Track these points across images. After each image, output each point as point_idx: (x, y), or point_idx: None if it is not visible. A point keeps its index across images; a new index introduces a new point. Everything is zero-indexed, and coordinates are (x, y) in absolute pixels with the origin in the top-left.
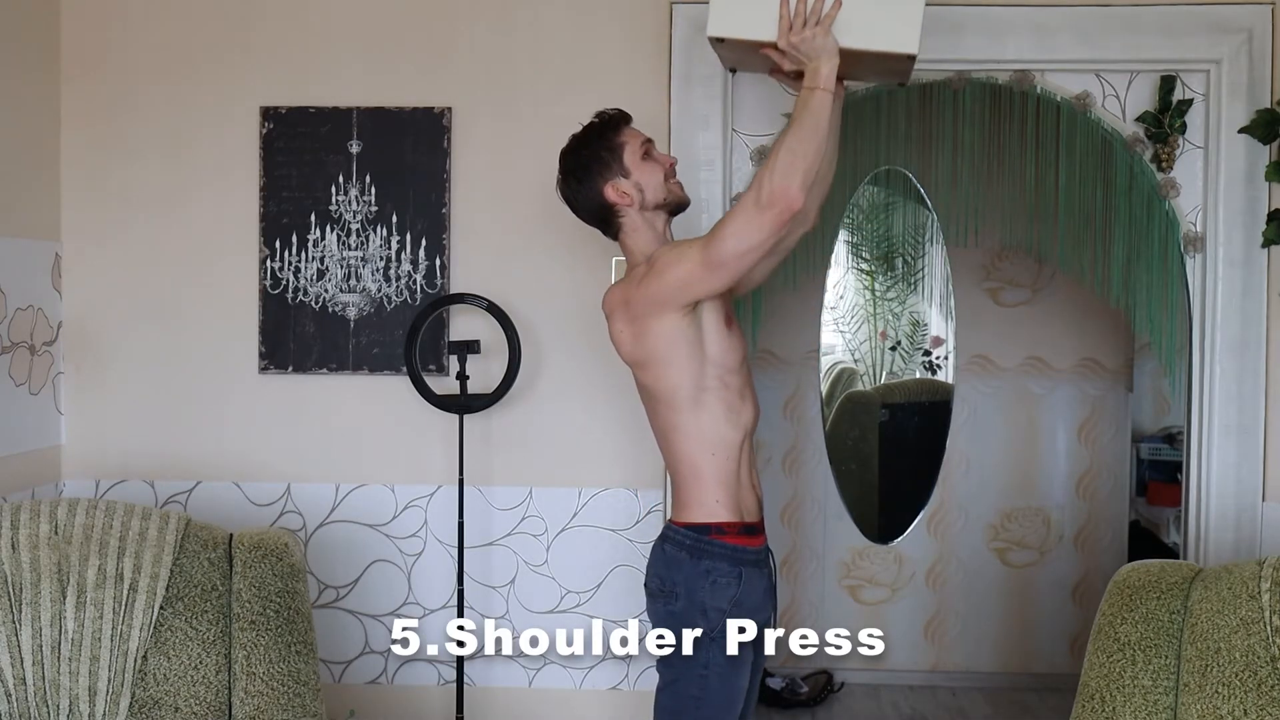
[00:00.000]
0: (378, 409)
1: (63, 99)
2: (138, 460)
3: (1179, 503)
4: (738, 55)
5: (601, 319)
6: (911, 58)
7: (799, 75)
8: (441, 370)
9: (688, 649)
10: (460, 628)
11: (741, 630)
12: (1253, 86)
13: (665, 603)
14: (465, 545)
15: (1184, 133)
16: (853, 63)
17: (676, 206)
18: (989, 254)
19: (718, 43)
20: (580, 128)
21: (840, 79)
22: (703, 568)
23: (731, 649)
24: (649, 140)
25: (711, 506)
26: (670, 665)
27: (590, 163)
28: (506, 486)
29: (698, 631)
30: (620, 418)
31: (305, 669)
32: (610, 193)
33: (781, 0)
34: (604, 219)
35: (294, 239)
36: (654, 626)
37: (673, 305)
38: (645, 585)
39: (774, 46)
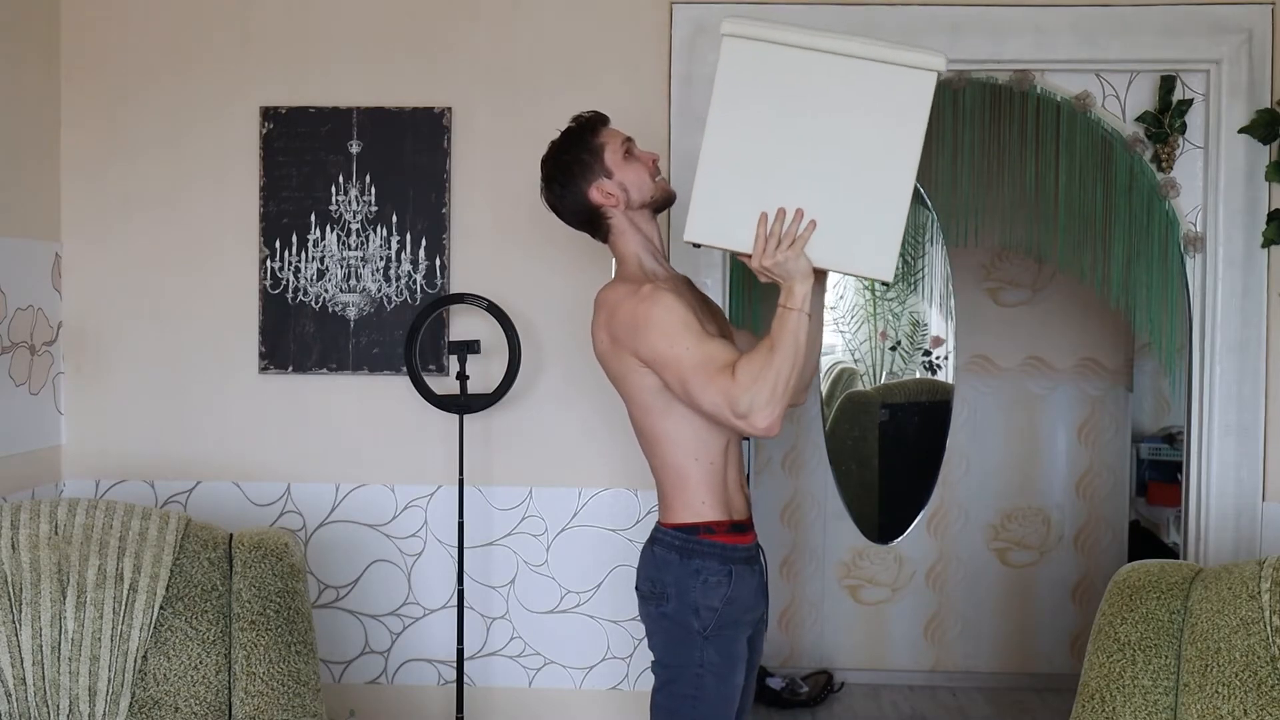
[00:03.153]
0: (378, 409)
1: (63, 99)
2: (138, 460)
3: (1179, 503)
4: (715, 249)
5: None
6: (885, 283)
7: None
8: (441, 370)
9: (682, 649)
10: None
11: (734, 628)
12: (1253, 86)
13: (657, 604)
14: (465, 545)
15: (1184, 133)
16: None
17: (663, 203)
18: (989, 254)
19: (695, 244)
20: (559, 133)
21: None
22: (693, 567)
23: (725, 647)
24: (629, 139)
25: (699, 508)
26: (665, 665)
27: (572, 166)
28: (506, 486)
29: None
30: (620, 418)
31: (305, 669)
32: (595, 194)
33: (758, 221)
34: (591, 222)
35: (294, 239)
36: (647, 628)
37: (641, 359)
38: (636, 588)
39: (749, 257)
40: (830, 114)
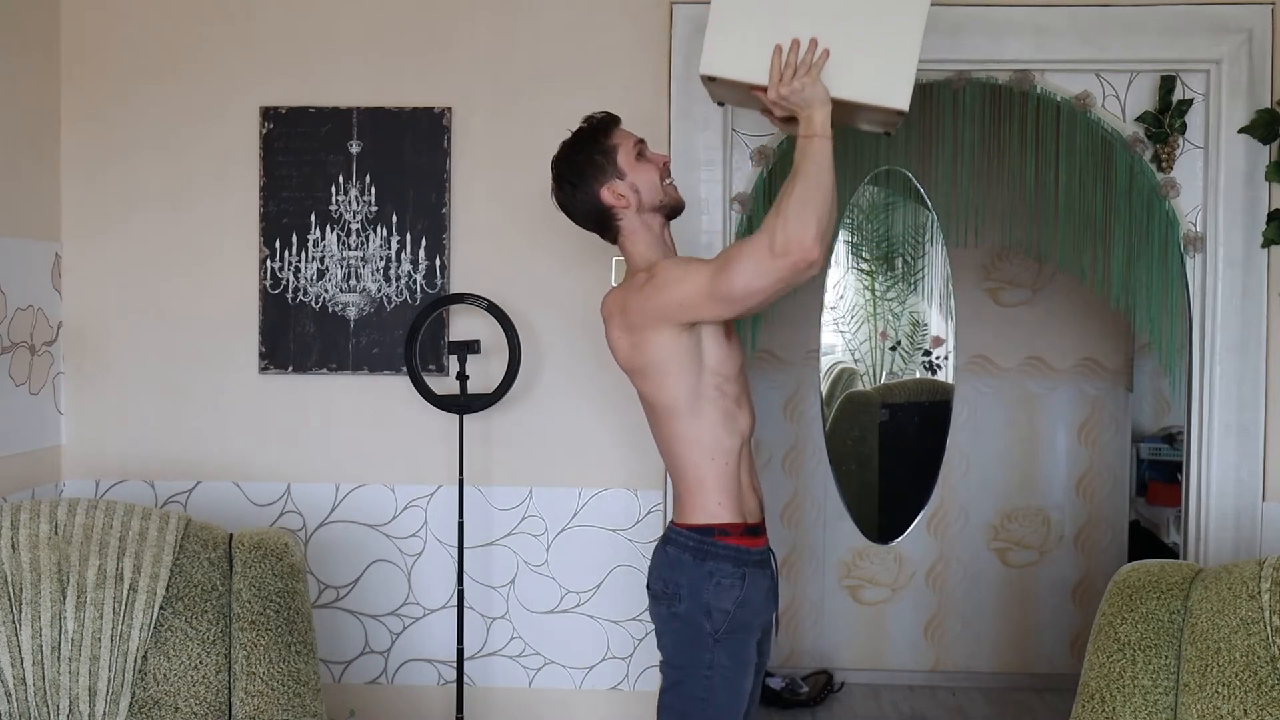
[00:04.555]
0: (378, 409)
1: (63, 99)
2: (138, 460)
3: (1179, 503)
4: (728, 93)
5: (601, 320)
6: (901, 113)
7: (789, 119)
8: (441, 370)
9: (692, 651)
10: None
11: (745, 631)
12: (1253, 86)
13: (669, 605)
14: (465, 545)
15: (1184, 133)
16: (841, 111)
17: (672, 209)
18: (989, 254)
19: (709, 80)
20: (570, 133)
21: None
22: (706, 569)
23: (735, 650)
24: (641, 141)
25: (714, 509)
26: (674, 666)
27: (584, 167)
28: (506, 486)
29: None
30: (620, 418)
31: (305, 669)
32: (607, 195)
33: (773, 52)
34: (601, 223)
35: (294, 239)
36: (657, 628)
37: (671, 321)
38: (648, 587)
39: (764, 90)
40: None
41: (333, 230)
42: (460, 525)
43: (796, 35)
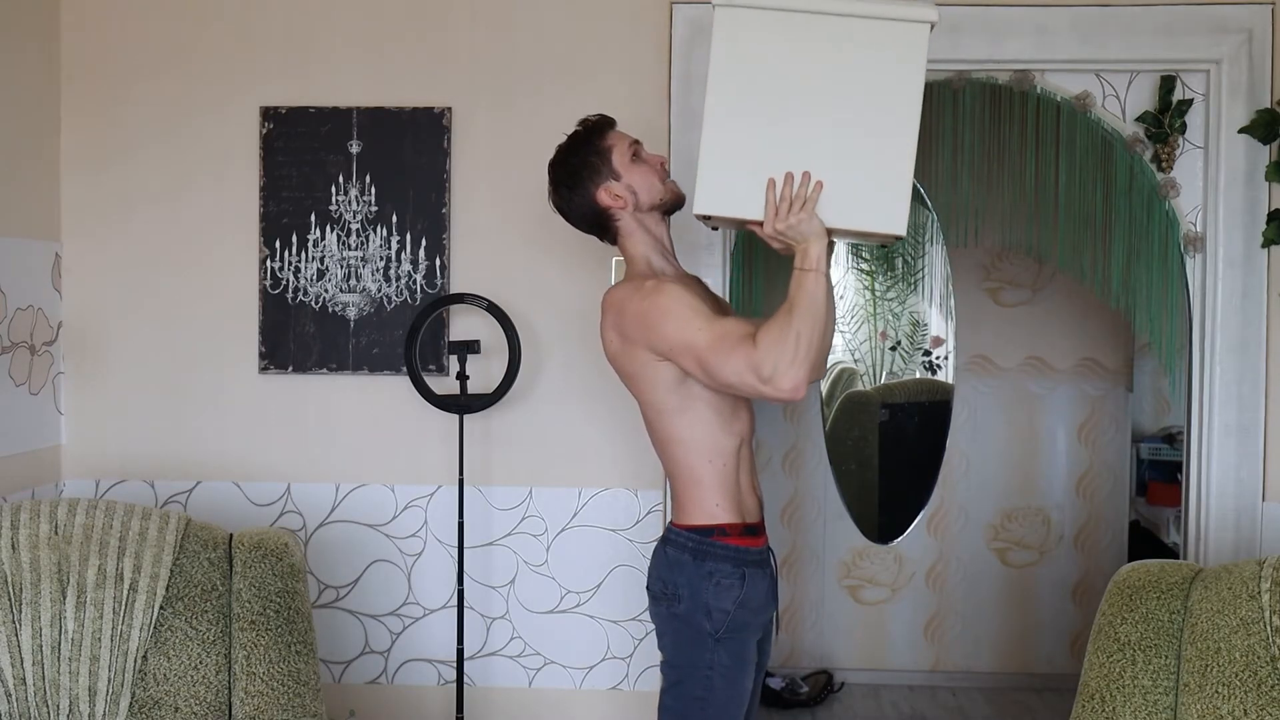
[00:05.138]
0: (378, 409)
1: (63, 99)
2: (138, 460)
3: (1179, 503)
4: (724, 223)
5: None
6: (898, 237)
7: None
8: (441, 370)
9: (692, 651)
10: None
11: (745, 631)
12: (1253, 86)
13: (668, 605)
14: (465, 545)
15: (1184, 133)
16: (837, 231)
17: (672, 205)
18: (989, 254)
19: (704, 218)
20: (565, 137)
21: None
22: (705, 569)
23: (736, 650)
24: (636, 141)
25: (712, 510)
26: (674, 666)
27: (580, 169)
28: (506, 486)
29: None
30: (620, 418)
31: (305, 669)
32: (603, 197)
33: (766, 186)
34: (599, 224)
35: (294, 239)
36: (657, 629)
37: (657, 351)
38: (648, 588)
39: (760, 225)
40: (827, 74)
41: (333, 230)
42: (460, 525)
43: (789, 169)
